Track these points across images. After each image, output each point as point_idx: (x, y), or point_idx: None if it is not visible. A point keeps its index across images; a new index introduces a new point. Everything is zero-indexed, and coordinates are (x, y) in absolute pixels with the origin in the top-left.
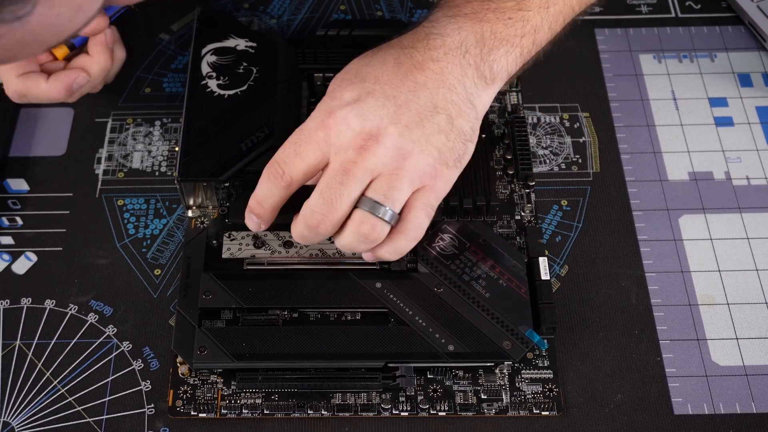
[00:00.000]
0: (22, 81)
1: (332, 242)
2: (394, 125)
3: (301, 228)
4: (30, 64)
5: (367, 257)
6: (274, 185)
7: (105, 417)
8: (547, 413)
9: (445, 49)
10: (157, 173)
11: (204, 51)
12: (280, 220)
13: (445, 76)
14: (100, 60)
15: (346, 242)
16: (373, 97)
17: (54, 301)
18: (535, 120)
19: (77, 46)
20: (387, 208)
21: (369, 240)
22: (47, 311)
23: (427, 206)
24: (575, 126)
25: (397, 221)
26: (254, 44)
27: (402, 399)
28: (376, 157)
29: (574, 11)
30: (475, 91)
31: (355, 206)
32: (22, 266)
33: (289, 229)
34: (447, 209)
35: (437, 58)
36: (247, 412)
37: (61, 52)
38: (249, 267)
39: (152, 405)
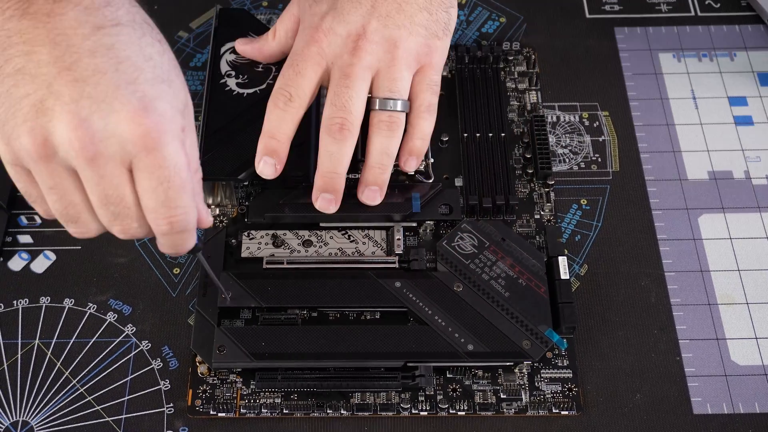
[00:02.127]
0: None
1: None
2: (375, 19)
3: (327, 142)
4: None
5: (404, 160)
6: (284, 111)
7: (124, 416)
8: (566, 413)
9: None
10: None
11: (223, 49)
12: (297, 219)
13: None
14: None
15: (378, 146)
16: (347, 1)
17: (73, 300)
18: (554, 119)
19: None
20: (396, 100)
21: (394, 133)
22: (66, 310)
23: (431, 84)
24: (594, 125)
25: (409, 106)
26: None
27: (421, 398)
28: (370, 54)
29: None
30: None
31: (369, 109)
32: (40, 265)
33: (308, 227)
34: (466, 208)
35: None
36: (267, 412)
37: None
38: (268, 266)
39: (171, 404)
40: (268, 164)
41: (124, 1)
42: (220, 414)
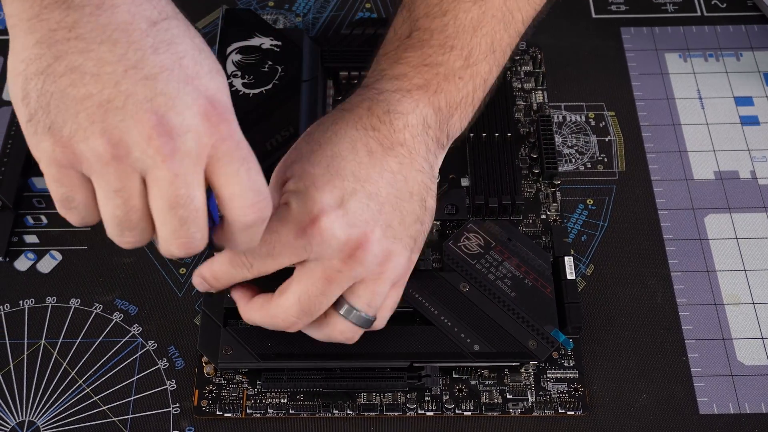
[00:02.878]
0: None
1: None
2: (379, 227)
3: (264, 322)
4: None
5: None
6: (237, 272)
7: (130, 416)
8: (572, 413)
9: (410, 130)
10: None
11: (229, 50)
12: None
13: (414, 158)
14: None
15: (315, 336)
16: (356, 198)
17: (79, 300)
18: (560, 119)
19: None
20: (369, 317)
21: (338, 340)
22: (72, 310)
23: (395, 304)
24: (601, 125)
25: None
26: (279, 43)
27: (427, 399)
28: (363, 265)
29: (520, 33)
30: (435, 161)
31: (334, 306)
32: (46, 265)
33: None
34: (472, 208)
35: (403, 140)
36: (273, 412)
37: None
38: None
39: (177, 404)
40: (202, 285)
41: None
42: (226, 414)
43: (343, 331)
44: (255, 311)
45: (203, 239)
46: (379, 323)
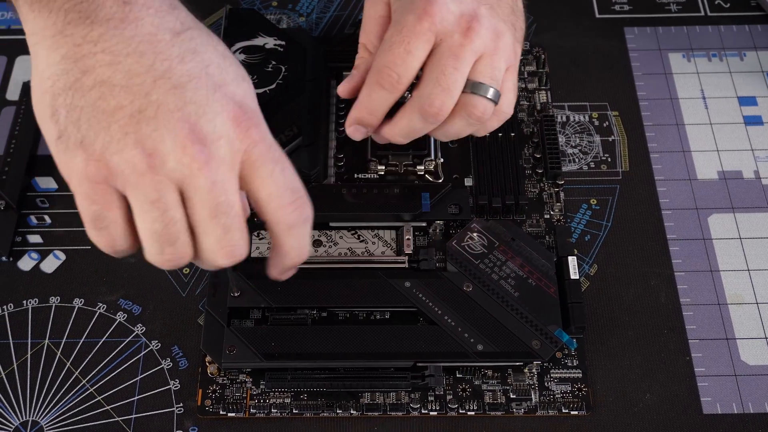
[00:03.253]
0: None
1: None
2: (482, 5)
3: (415, 120)
4: None
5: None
6: (388, 92)
7: (134, 416)
8: (576, 413)
9: None
10: None
11: (233, 49)
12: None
13: None
14: None
15: (455, 129)
16: None
17: (82, 300)
18: (564, 119)
19: None
20: (494, 89)
21: (479, 122)
22: (76, 310)
23: (515, 87)
24: (604, 125)
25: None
26: (283, 43)
27: (431, 398)
28: (480, 38)
29: None
30: None
31: (464, 90)
32: (50, 265)
33: (318, 227)
34: (476, 208)
35: None
36: (276, 412)
37: None
38: None
39: (181, 404)
40: (360, 131)
41: (180, 4)
42: (229, 414)
43: (476, 106)
44: (401, 119)
45: (246, 245)
46: (506, 106)
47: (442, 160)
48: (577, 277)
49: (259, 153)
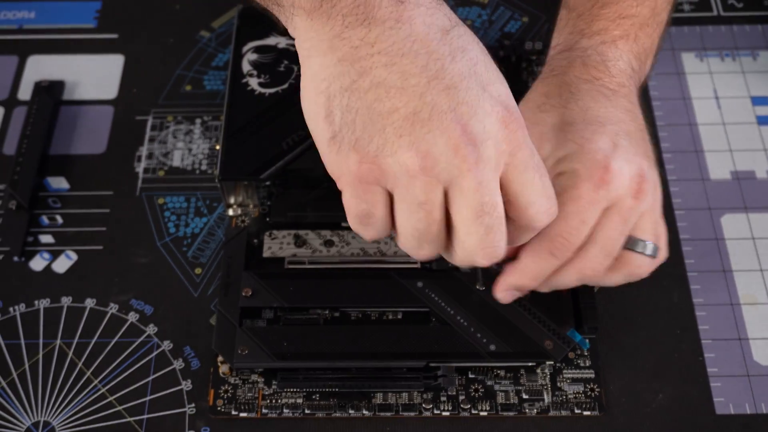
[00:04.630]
0: None
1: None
2: (644, 159)
3: (571, 278)
4: None
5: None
6: (558, 260)
7: (146, 416)
8: (588, 413)
9: (624, 74)
10: (197, 171)
11: (245, 49)
12: (320, 219)
13: (632, 97)
14: None
15: (614, 281)
16: (620, 137)
17: (94, 300)
18: None
19: None
20: (654, 245)
21: (640, 278)
22: (87, 310)
23: (664, 224)
24: None
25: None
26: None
27: (443, 399)
28: (647, 197)
29: None
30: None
31: (626, 247)
32: (62, 265)
33: (330, 227)
34: None
35: (622, 83)
36: (288, 412)
37: None
38: (290, 266)
39: (193, 404)
40: (514, 295)
41: None
42: (241, 414)
43: (640, 266)
44: (562, 276)
45: (505, 246)
46: (664, 251)
47: None
48: None
49: (522, 157)
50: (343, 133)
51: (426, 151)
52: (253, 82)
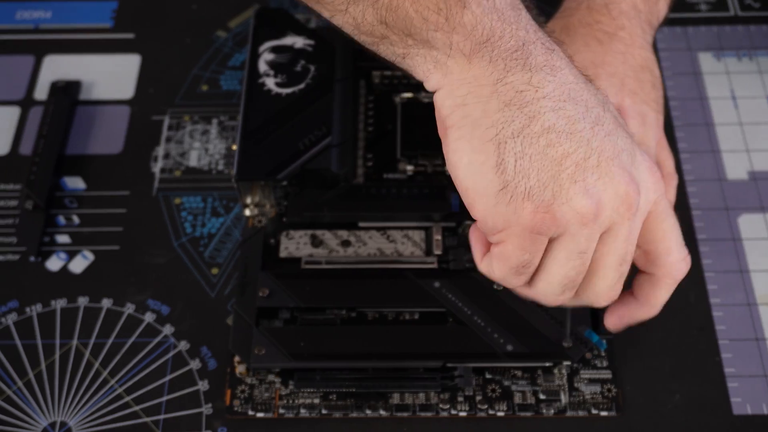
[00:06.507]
0: None
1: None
2: (627, 96)
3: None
4: None
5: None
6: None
7: (162, 417)
8: (605, 413)
9: (625, 15)
10: (214, 171)
11: (261, 49)
12: (336, 219)
13: (633, 38)
14: None
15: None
16: (600, 80)
17: (111, 300)
18: None
19: None
20: None
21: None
22: (104, 310)
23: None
24: None
25: None
26: (312, 42)
27: (460, 399)
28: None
29: None
30: (650, 39)
31: None
32: (78, 265)
33: (347, 227)
34: None
35: (622, 25)
36: (305, 412)
37: None
38: (306, 266)
39: (210, 404)
40: (620, 326)
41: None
42: (258, 414)
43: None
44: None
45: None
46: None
47: None
48: None
49: (664, 206)
50: (516, 182)
51: (598, 198)
52: (270, 82)
